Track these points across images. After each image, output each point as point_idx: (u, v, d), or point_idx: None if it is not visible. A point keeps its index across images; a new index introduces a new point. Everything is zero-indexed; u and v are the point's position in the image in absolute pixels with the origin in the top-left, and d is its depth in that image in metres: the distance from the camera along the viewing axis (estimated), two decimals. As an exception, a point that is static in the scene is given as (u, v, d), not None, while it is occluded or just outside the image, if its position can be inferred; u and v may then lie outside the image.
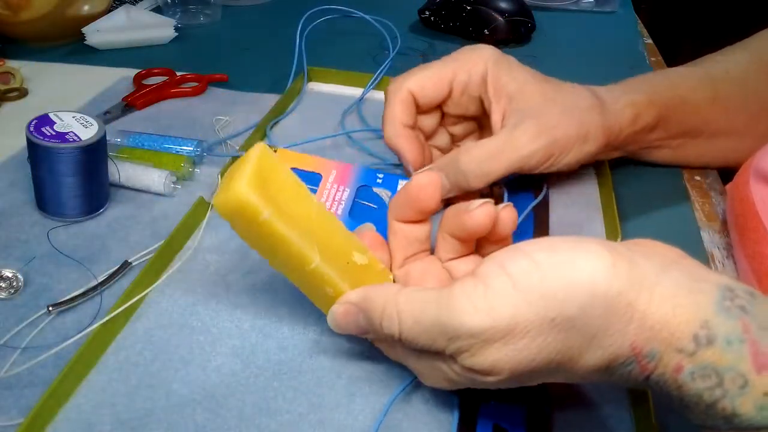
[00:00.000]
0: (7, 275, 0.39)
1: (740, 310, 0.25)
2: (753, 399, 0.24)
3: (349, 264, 0.33)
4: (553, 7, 0.93)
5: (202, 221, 0.45)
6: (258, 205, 0.29)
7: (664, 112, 0.47)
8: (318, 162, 0.49)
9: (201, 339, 0.37)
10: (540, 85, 0.45)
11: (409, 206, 0.34)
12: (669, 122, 0.48)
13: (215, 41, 0.78)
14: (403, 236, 0.35)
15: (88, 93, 0.63)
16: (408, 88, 0.45)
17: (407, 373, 0.35)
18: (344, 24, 0.73)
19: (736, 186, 0.45)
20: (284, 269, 0.33)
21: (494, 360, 0.26)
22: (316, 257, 0.31)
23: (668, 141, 0.50)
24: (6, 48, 0.71)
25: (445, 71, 0.45)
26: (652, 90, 0.48)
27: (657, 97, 0.47)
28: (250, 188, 0.29)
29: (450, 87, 0.45)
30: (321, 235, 0.32)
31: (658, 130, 0.48)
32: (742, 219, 0.43)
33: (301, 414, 0.33)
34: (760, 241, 0.40)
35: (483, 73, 0.44)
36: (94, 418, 0.32)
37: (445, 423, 0.33)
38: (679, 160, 0.52)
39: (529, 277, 0.26)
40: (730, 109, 0.49)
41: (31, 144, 0.43)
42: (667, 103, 0.47)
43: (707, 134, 0.50)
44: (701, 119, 0.49)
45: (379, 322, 0.30)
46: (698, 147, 0.51)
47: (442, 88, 0.45)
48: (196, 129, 0.57)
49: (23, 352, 0.36)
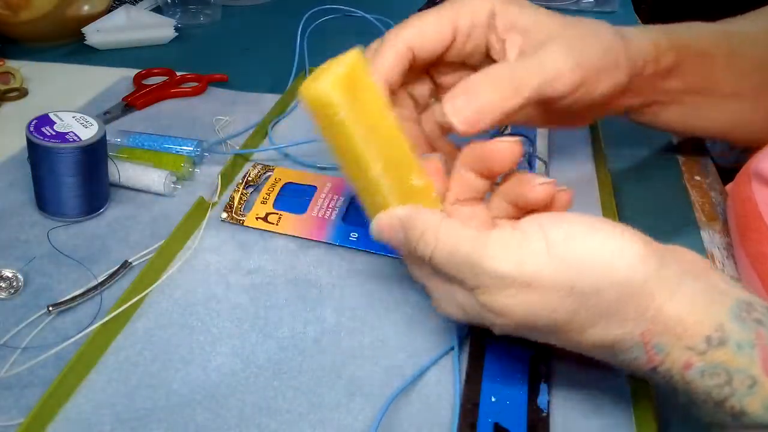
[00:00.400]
0: (7, 275, 0.39)
1: (756, 322, 0.26)
2: (761, 399, 0.25)
3: (405, 182, 0.34)
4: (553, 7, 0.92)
5: (202, 221, 0.45)
6: (338, 105, 0.31)
7: (683, 56, 0.45)
8: (315, 178, 0.49)
9: (201, 339, 0.37)
10: (555, 16, 0.40)
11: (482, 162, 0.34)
12: (686, 70, 0.46)
13: (215, 41, 0.78)
14: (464, 181, 0.35)
15: (88, 93, 0.63)
16: (406, 41, 0.38)
17: (407, 373, 0.35)
18: (345, 23, 0.73)
19: (737, 186, 0.45)
20: (348, 171, 0.34)
21: (506, 305, 0.28)
22: (378, 166, 0.33)
23: (681, 96, 0.47)
24: (6, 48, 0.71)
25: (446, 17, 0.39)
26: (672, 33, 0.46)
27: (677, 41, 0.45)
28: (335, 87, 0.30)
29: (453, 34, 0.39)
30: (389, 148, 0.34)
31: (676, 77, 0.46)
32: (744, 220, 0.42)
33: (301, 414, 0.33)
34: (763, 242, 0.40)
35: (489, 13, 0.39)
36: (94, 418, 0.32)
37: (445, 423, 0.33)
38: (689, 122, 0.50)
39: (564, 246, 0.28)
40: (745, 69, 0.48)
41: (31, 144, 0.43)
42: (686, 49, 0.45)
43: (720, 94, 0.48)
44: (716, 75, 0.47)
45: (416, 244, 0.32)
46: (710, 108, 0.49)
47: (444, 37, 0.39)
48: (196, 129, 0.57)
49: (23, 352, 0.36)
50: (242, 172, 0.52)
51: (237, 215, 0.46)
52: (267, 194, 0.47)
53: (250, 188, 0.48)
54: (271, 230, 0.45)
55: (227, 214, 0.46)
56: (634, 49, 0.42)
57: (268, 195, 0.47)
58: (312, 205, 0.46)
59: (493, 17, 0.39)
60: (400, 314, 0.39)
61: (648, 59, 0.43)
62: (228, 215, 0.46)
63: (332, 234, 0.44)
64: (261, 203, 0.47)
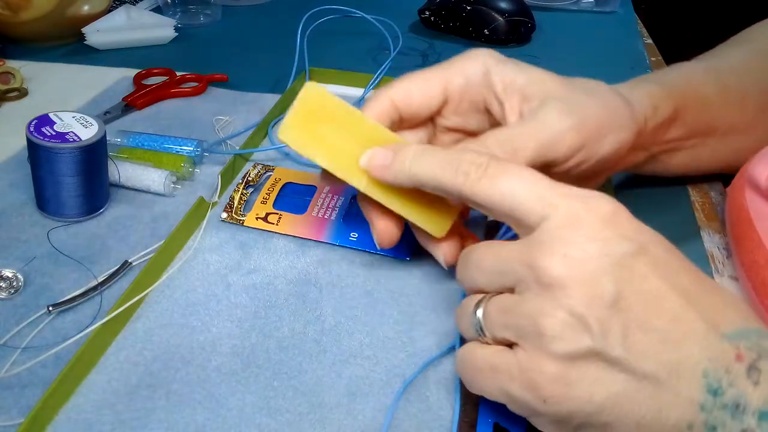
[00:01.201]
0: (7, 275, 0.39)
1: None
2: None
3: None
4: (553, 7, 0.93)
5: (202, 221, 0.45)
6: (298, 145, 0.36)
7: (680, 104, 0.45)
8: (315, 177, 0.49)
9: (201, 339, 0.37)
10: (552, 75, 0.39)
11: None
12: (686, 117, 0.45)
13: (215, 41, 0.78)
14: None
15: (88, 93, 0.63)
16: (389, 96, 0.38)
17: (407, 373, 0.35)
18: (344, 24, 0.73)
19: (732, 192, 0.45)
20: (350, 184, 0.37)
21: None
22: (362, 180, 0.36)
23: (683, 142, 0.47)
24: (6, 48, 0.71)
25: (436, 76, 0.39)
26: (666, 82, 0.45)
27: (672, 89, 0.45)
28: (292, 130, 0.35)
29: (444, 94, 0.39)
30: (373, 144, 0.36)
31: (676, 126, 0.45)
32: (738, 228, 0.42)
33: (301, 414, 0.33)
34: (755, 250, 0.40)
35: (484, 72, 0.39)
36: (94, 418, 0.32)
37: (446, 423, 0.33)
38: (695, 163, 0.50)
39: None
40: (738, 101, 0.48)
41: (31, 144, 0.43)
42: (682, 95, 0.45)
43: (720, 132, 0.48)
44: (714, 114, 0.47)
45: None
46: (712, 147, 0.49)
47: (431, 95, 0.39)
48: (196, 129, 0.57)
49: (23, 352, 0.36)
50: (242, 172, 0.52)
51: (237, 215, 0.46)
52: (267, 194, 0.47)
53: (250, 188, 0.48)
54: (271, 230, 0.45)
55: (227, 214, 0.46)
56: (635, 106, 0.41)
57: (268, 195, 0.47)
58: (312, 205, 0.46)
59: (488, 75, 0.39)
60: (400, 314, 0.39)
61: (647, 115, 0.42)
62: (228, 215, 0.46)
63: (332, 234, 0.44)
64: (261, 203, 0.47)
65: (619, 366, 0.26)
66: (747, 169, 0.44)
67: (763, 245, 0.39)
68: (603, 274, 0.26)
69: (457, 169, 0.31)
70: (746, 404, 0.25)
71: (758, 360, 0.25)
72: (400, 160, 0.34)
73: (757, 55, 0.50)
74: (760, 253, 0.39)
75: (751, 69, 0.49)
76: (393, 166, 0.34)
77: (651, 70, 0.74)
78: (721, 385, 0.25)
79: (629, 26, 0.88)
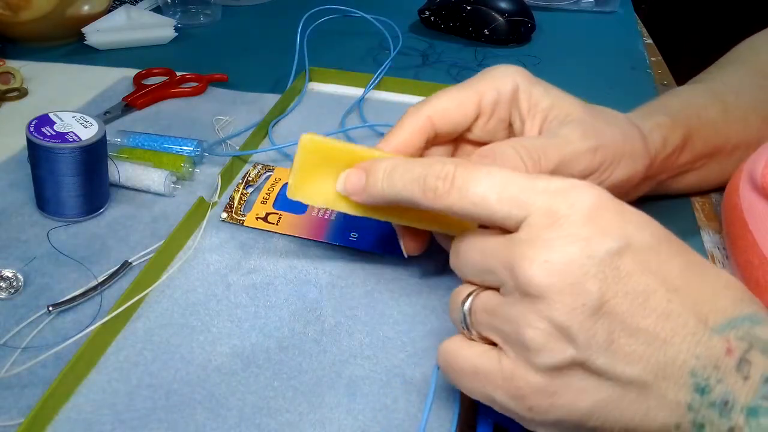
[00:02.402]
0: (7, 275, 0.39)
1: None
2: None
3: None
4: (553, 7, 0.93)
5: (202, 221, 0.45)
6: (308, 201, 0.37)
7: (687, 132, 0.45)
8: None
9: (201, 339, 0.37)
10: (576, 100, 0.40)
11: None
12: (694, 143, 0.46)
13: (215, 41, 0.78)
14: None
15: (88, 93, 0.63)
16: (426, 114, 0.39)
17: (407, 373, 0.35)
18: (344, 24, 0.73)
19: (728, 193, 0.45)
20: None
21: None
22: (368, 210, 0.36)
23: (691, 164, 0.48)
24: (6, 48, 0.71)
25: (471, 91, 0.40)
26: (670, 111, 0.46)
27: (678, 117, 0.45)
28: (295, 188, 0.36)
29: (477, 109, 0.39)
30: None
31: (685, 152, 0.46)
32: (732, 228, 0.42)
33: (301, 414, 0.33)
34: (748, 250, 0.40)
35: (513, 89, 0.39)
36: (94, 418, 0.32)
37: (446, 423, 0.33)
38: (704, 182, 0.50)
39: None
40: (741, 118, 0.49)
41: (31, 144, 0.43)
42: (688, 122, 0.46)
43: (726, 150, 0.49)
44: (719, 134, 0.48)
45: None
46: (720, 166, 0.49)
47: (467, 112, 0.39)
48: (196, 129, 0.57)
49: (23, 352, 0.36)
50: (242, 172, 0.52)
51: (237, 215, 0.46)
52: (267, 194, 0.47)
53: (250, 188, 0.48)
54: (271, 230, 0.45)
55: (227, 214, 0.46)
56: (647, 139, 0.42)
57: (268, 195, 0.47)
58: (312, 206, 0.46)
59: (516, 93, 0.39)
60: (400, 314, 0.39)
61: (658, 147, 0.43)
62: (228, 215, 0.46)
63: (332, 234, 0.44)
64: (261, 203, 0.47)
65: (605, 375, 0.26)
66: (744, 166, 0.44)
67: (757, 245, 0.39)
68: (586, 279, 0.25)
69: (424, 185, 0.30)
70: (734, 401, 0.24)
71: (749, 351, 0.25)
72: (371, 182, 0.33)
73: (750, 72, 0.51)
74: (754, 253, 0.39)
75: (747, 86, 0.50)
76: (367, 189, 0.34)
77: (651, 70, 0.74)
78: (709, 382, 0.25)
79: (629, 26, 0.88)
